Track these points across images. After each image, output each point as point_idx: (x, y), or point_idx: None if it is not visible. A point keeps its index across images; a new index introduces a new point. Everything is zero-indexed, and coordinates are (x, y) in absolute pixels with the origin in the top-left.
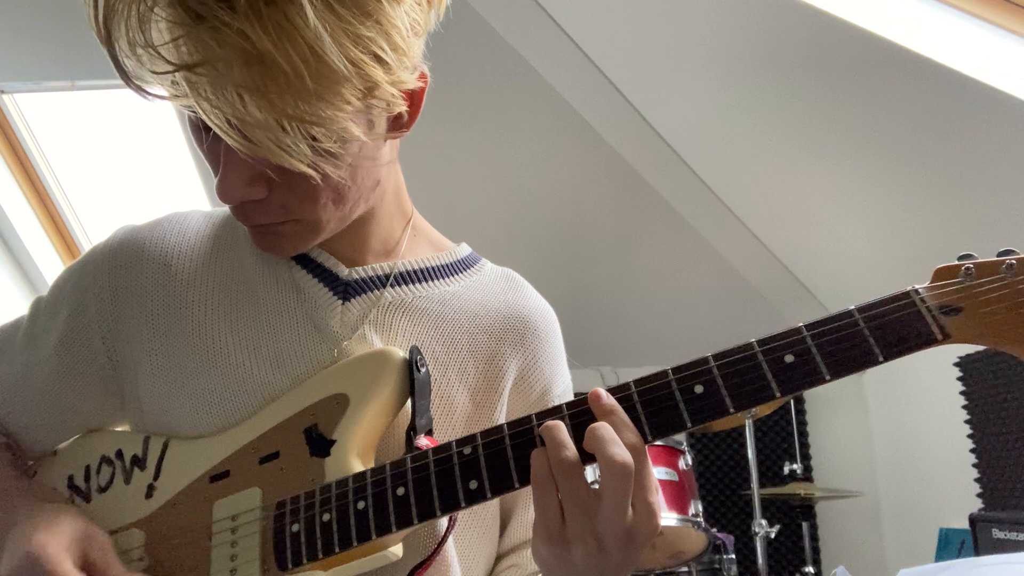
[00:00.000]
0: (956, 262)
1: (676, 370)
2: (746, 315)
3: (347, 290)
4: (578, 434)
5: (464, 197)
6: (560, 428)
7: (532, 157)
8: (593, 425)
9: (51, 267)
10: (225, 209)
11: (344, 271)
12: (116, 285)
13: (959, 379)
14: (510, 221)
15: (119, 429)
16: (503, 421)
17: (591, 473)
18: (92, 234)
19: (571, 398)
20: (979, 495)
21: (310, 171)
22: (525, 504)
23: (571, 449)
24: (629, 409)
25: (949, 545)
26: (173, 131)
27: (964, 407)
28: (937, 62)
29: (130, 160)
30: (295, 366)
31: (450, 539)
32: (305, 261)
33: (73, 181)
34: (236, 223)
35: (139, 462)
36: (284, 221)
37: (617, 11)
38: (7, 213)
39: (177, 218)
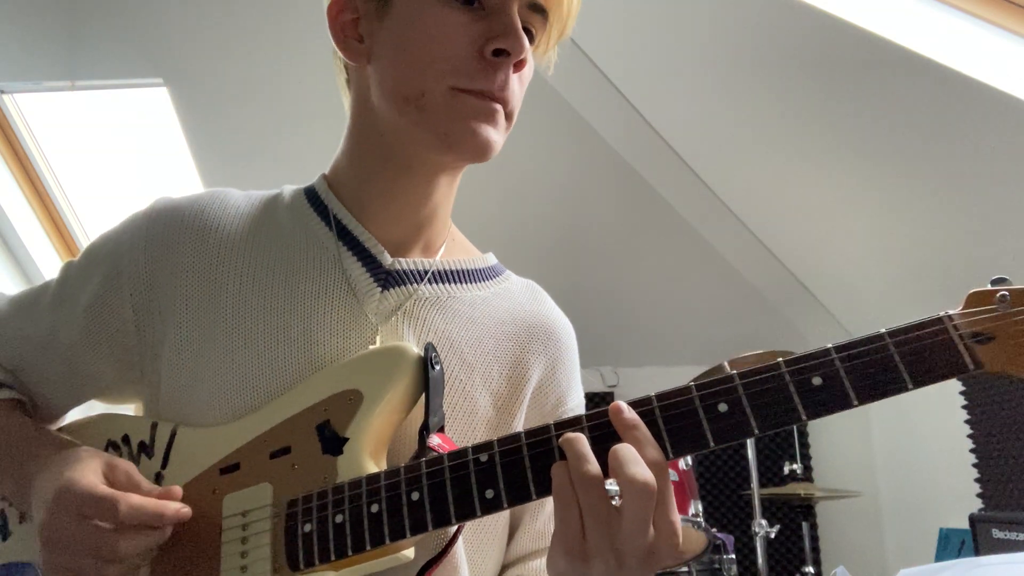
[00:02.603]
0: (989, 287)
1: (700, 387)
2: (746, 315)
3: (388, 279)
4: (597, 446)
5: (463, 197)
6: (581, 441)
7: (532, 157)
8: (615, 447)
9: (51, 267)
10: (265, 192)
11: (388, 260)
12: (152, 255)
13: (959, 379)
14: (510, 221)
15: (126, 412)
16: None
17: (611, 484)
18: (92, 234)
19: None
20: (979, 495)
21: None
22: (533, 515)
23: (593, 463)
24: (650, 424)
25: (949, 545)
26: (173, 131)
27: (964, 407)
28: (937, 62)
29: (130, 160)
30: (324, 348)
31: (460, 540)
32: (352, 243)
33: (73, 181)
34: (277, 204)
35: (146, 449)
36: (509, 112)
37: (618, 12)
38: (7, 212)
39: (218, 193)
